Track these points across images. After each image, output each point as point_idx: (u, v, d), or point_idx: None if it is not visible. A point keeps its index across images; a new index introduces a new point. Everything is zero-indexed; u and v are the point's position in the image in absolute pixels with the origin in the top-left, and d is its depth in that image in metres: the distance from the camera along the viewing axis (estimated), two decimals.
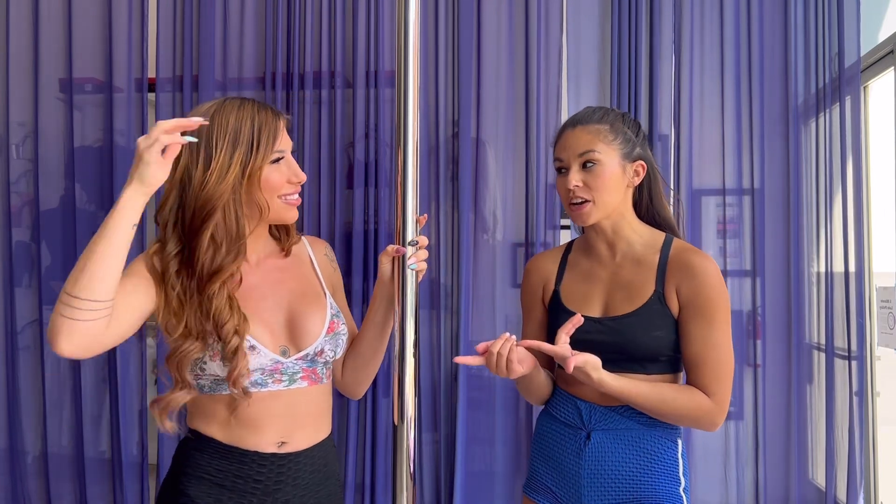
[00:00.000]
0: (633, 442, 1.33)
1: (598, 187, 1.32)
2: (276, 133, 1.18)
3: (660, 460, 1.33)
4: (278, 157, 1.19)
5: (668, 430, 1.35)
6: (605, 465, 1.33)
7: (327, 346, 1.25)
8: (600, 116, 1.35)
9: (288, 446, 1.23)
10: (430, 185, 2.28)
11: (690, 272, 1.29)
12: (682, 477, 1.35)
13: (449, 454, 2.24)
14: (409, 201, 1.21)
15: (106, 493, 2.39)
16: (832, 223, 2.20)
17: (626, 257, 1.37)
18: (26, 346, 2.43)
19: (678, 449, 1.36)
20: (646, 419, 1.33)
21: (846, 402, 2.14)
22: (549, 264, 1.46)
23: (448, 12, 2.28)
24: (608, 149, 1.33)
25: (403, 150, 1.20)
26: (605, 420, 1.34)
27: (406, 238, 1.22)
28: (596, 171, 1.32)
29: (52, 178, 2.42)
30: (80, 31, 2.40)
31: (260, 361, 1.18)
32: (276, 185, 1.19)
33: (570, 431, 1.37)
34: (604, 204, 1.32)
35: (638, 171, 1.37)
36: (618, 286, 1.36)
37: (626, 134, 1.35)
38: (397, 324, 1.21)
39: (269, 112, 1.19)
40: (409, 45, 1.19)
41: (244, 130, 1.15)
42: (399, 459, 1.21)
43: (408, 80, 1.19)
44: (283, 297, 1.25)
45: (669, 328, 1.32)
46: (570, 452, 1.37)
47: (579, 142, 1.33)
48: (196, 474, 1.22)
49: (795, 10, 2.20)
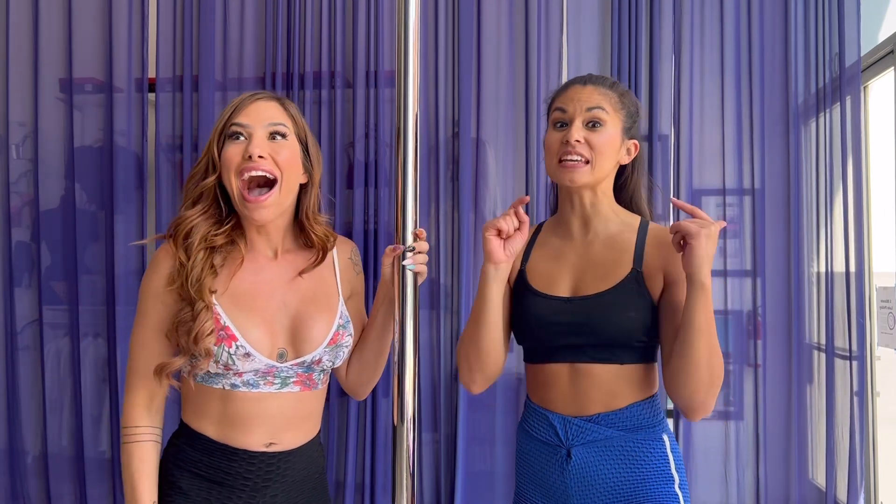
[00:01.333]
0: (616, 451, 1.26)
1: (601, 149, 1.24)
2: (238, 106, 1.18)
3: (648, 463, 1.26)
4: (239, 134, 1.18)
5: (650, 429, 1.27)
6: (592, 480, 1.26)
7: (326, 357, 1.25)
8: (612, 84, 1.29)
9: (276, 447, 1.24)
10: (430, 185, 2.27)
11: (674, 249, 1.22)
12: (674, 473, 1.27)
13: (449, 454, 2.24)
14: (409, 201, 1.21)
15: (106, 493, 2.39)
16: (832, 223, 2.20)
17: (599, 236, 1.30)
18: (26, 347, 2.43)
19: (666, 446, 1.28)
20: (627, 424, 1.26)
21: (846, 402, 2.14)
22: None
23: (448, 12, 2.28)
24: (615, 115, 1.26)
25: (403, 150, 1.20)
26: (583, 433, 1.26)
27: (406, 238, 1.22)
28: (600, 132, 1.25)
29: (52, 178, 2.42)
30: (80, 31, 2.40)
31: (253, 366, 1.19)
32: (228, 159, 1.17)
33: (549, 449, 1.30)
34: (599, 168, 1.25)
35: (630, 150, 1.32)
36: (589, 265, 1.28)
37: (630, 109, 1.30)
38: (397, 324, 1.21)
39: (248, 94, 1.22)
40: (409, 45, 1.19)
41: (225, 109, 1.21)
42: (399, 459, 1.20)
43: (408, 80, 1.19)
44: (293, 298, 1.24)
45: (644, 310, 1.24)
46: (554, 471, 1.29)
47: (591, 97, 1.25)
48: (187, 468, 1.23)
49: (795, 10, 2.20)
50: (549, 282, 1.30)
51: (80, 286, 2.37)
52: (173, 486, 1.23)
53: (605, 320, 1.23)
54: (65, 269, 2.40)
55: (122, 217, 2.36)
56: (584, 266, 1.29)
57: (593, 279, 1.27)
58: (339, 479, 2.27)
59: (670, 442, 1.30)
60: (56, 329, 2.40)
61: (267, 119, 1.19)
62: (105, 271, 2.36)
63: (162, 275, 1.19)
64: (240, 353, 1.17)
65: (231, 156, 1.16)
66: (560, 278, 1.30)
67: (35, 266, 2.41)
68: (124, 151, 2.37)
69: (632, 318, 1.24)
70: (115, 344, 2.34)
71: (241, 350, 1.17)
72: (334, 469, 2.28)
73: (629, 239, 1.28)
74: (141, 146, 2.37)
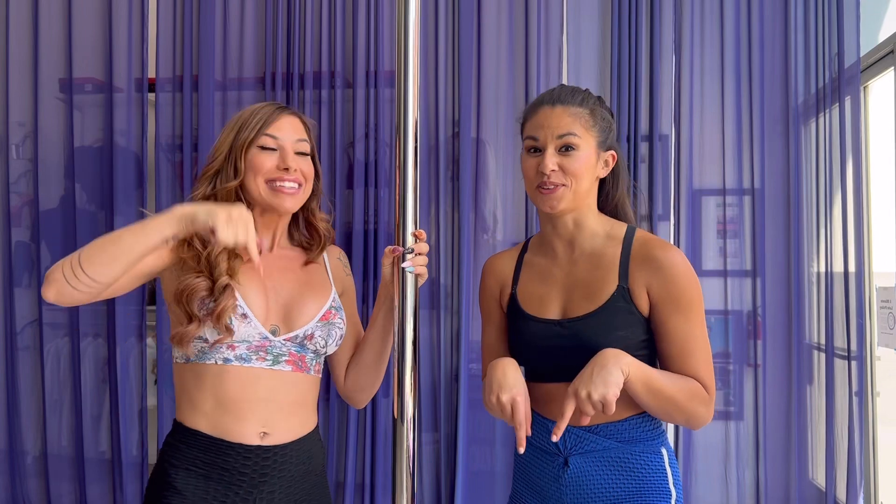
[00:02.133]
0: (614, 463, 1.25)
1: (576, 173, 1.23)
2: (268, 119, 1.28)
3: (645, 477, 1.25)
4: (271, 146, 1.27)
5: (649, 442, 1.26)
6: (587, 491, 1.25)
7: (318, 332, 1.27)
8: (581, 99, 1.27)
9: (271, 438, 1.25)
10: (430, 185, 2.28)
11: (657, 267, 1.21)
12: (672, 488, 1.26)
13: (449, 454, 2.24)
14: (409, 201, 1.21)
15: (106, 493, 2.39)
16: (832, 223, 2.20)
17: (584, 254, 1.29)
18: (26, 347, 2.43)
19: (664, 459, 1.27)
20: (625, 436, 1.25)
21: (846, 402, 2.13)
22: (506, 265, 1.38)
23: (448, 12, 2.28)
24: (587, 135, 1.25)
25: (403, 150, 1.20)
26: (582, 443, 1.25)
27: (406, 238, 1.22)
28: (574, 156, 1.23)
29: (52, 178, 2.42)
30: (79, 32, 2.40)
31: (248, 332, 1.22)
32: (259, 166, 1.27)
33: (547, 457, 1.29)
34: (577, 192, 1.24)
35: (608, 162, 1.30)
36: (576, 285, 1.27)
37: (603, 123, 1.28)
38: (397, 324, 1.21)
39: (274, 106, 1.30)
40: (409, 45, 1.19)
41: (245, 115, 1.29)
42: (399, 459, 1.21)
43: (408, 80, 1.19)
44: (287, 281, 1.30)
45: (635, 327, 1.23)
46: (550, 478, 1.29)
47: (560, 122, 1.24)
48: (183, 466, 1.24)
49: (795, 10, 2.20)
50: (539, 304, 1.30)
51: None
52: (169, 485, 1.23)
53: (594, 342, 1.21)
54: None
55: (122, 217, 2.35)
56: (572, 286, 1.28)
57: (580, 299, 1.26)
58: (339, 479, 2.27)
59: (668, 456, 1.29)
60: (56, 329, 2.40)
61: (295, 135, 1.31)
62: None
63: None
64: (238, 314, 1.21)
65: (264, 164, 1.26)
66: (550, 300, 1.29)
67: (35, 266, 2.41)
68: (124, 151, 2.37)
69: (621, 337, 1.22)
70: (115, 344, 2.33)
71: (240, 310, 1.21)
72: (334, 469, 2.28)
73: (614, 254, 1.26)
74: (141, 146, 2.37)
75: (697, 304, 1.23)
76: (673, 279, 1.21)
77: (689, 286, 1.22)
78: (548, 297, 1.29)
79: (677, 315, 1.22)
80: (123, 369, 2.35)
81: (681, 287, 1.21)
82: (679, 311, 1.22)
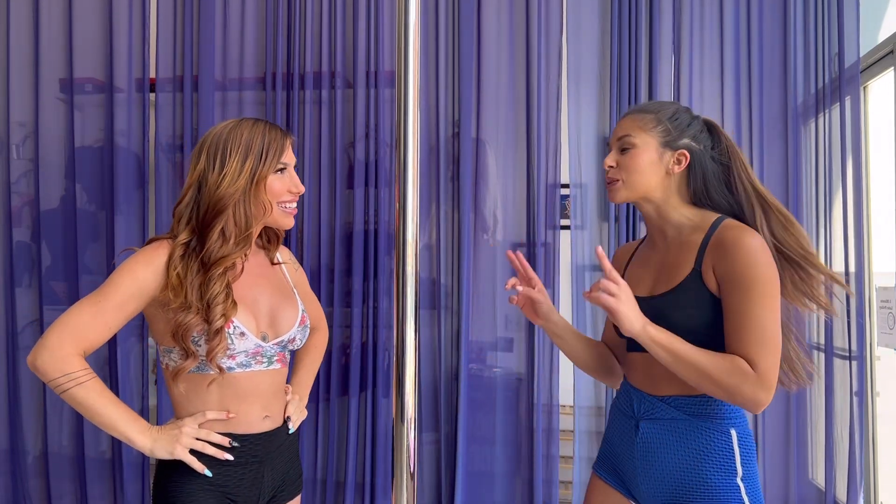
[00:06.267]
0: (679, 433, 1.35)
1: (629, 169, 1.39)
2: (282, 147, 1.36)
3: (709, 452, 1.33)
4: (282, 168, 1.36)
5: (717, 421, 1.34)
6: (654, 456, 1.37)
7: (298, 336, 1.40)
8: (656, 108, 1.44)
9: (270, 421, 1.36)
10: (430, 185, 2.28)
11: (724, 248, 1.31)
12: (739, 467, 1.33)
13: (449, 454, 2.24)
14: (409, 201, 1.21)
15: (106, 493, 2.39)
16: (832, 223, 2.20)
17: (673, 242, 1.42)
18: (26, 347, 2.43)
19: (732, 439, 1.34)
20: (693, 410, 1.34)
21: (846, 402, 2.14)
22: (625, 253, 1.56)
23: (448, 12, 2.28)
24: (647, 136, 1.40)
25: (403, 150, 1.20)
26: (652, 410, 1.38)
27: (406, 239, 1.22)
28: (629, 154, 1.40)
29: (52, 178, 2.42)
30: (80, 32, 2.40)
31: (246, 345, 1.31)
32: (278, 191, 1.35)
33: (624, 420, 1.44)
34: (633, 184, 1.39)
35: (679, 160, 1.42)
36: (664, 267, 1.41)
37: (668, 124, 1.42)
38: (397, 324, 1.21)
39: (278, 130, 1.37)
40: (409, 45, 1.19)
41: (255, 143, 1.34)
42: (399, 459, 1.21)
43: (408, 80, 1.19)
44: (265, 290, 1.40)
45: (704, 307, 1.33)
46: (626, 440, 1.43)
47: (621, 127, 1.42)
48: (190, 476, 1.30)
49: (795, 10, 2.20)
50: (635, 284, 1.44)
51: (80, 286, 2.38)
52: (186, 471, 1.30)
53: (667, 317, 1.33)
54: (65, 270, 2.40)
55: (123, 217, 2.36)
56: (661, 269, 1.42)
57: (664, 280, 1.39)
58: (339, 479, 2.27)
59: (739, 437, 1.35)
60: None
61: (293, 158, 1.41)
62: (105, 271, 2.36)
63: (157, 272, 1.30)
64: (236, 333, 1.30)
65: (280, 189, 1.36)
66: (643, 280, 1.44)
67: (35, 266, 2.41)
68: (125, 151, 2.37)
69: (691, 316, 1.33)
70: (115, 344, 2.34)
71: (237, 330, 1.30)
72: (334, 469, 2.28)
73: (697, 240, 1.38)
74: (141, 146, 2.37)
75: (762, 285, 1.29)
76: (735, 258, 1.29)
77: (753, 265, 1.28)
78: (642, 278, 1.44)
79: (737, 293, 1.29)
80: (123, 369, 2.36)
81: (742, 265, 1.28)
82: (738, 288, 1.29)
